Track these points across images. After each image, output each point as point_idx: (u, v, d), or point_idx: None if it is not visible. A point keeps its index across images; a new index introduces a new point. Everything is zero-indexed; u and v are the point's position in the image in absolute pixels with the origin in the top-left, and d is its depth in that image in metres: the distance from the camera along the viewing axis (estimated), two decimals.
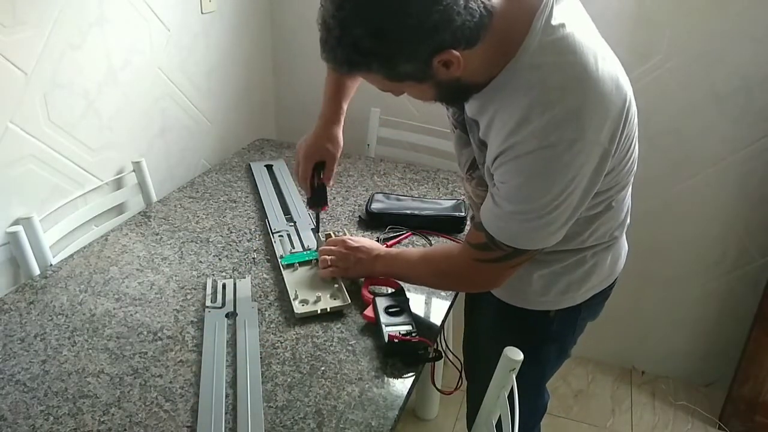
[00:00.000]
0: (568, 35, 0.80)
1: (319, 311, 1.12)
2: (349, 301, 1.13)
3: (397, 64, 0.78)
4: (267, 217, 1.46)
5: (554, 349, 1.14)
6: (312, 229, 1.40)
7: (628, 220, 1.08)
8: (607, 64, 0.81)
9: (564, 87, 0.79)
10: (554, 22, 0.80)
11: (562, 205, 0.83)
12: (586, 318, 1.13)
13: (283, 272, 1.23)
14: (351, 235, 1.29)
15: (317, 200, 1.26)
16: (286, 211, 1.49)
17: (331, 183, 1.25)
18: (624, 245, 1.11)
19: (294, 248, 1.32)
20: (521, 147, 0.80)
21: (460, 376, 1.18)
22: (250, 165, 1.76)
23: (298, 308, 1.12)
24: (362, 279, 1.21)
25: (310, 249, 1.31)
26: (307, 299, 1.15)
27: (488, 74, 0.84)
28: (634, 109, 0.87)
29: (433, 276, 1.08)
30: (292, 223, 1.43)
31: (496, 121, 0.85)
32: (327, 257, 1.19)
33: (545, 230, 0.87)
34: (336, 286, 1.18)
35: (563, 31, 0.80)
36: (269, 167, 1.74)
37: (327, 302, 1.14)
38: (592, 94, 0.79)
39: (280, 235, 1.38)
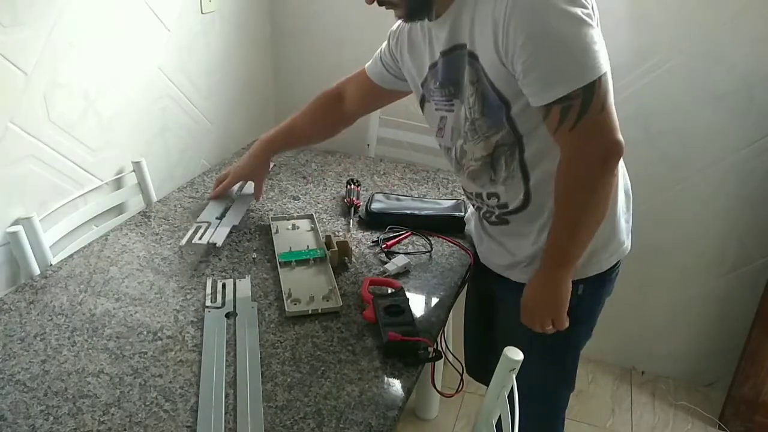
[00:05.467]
0: None
1: (310, 311, 1.12)
2: (341, 304, 1.13)
3: None
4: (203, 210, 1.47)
5: (583, 330, 1.16)
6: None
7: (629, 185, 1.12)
8: None
9: None
10: None
11: (583, 26, 0.86)
12: (607, 293, 1.15)
13: (279, 270, 1.23)
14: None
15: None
16: (222, 210, 1.47)
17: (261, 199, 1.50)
18: (630, 218, 1.14)
19: (201, 239, 1.30)
20: (519, 14, 0.86)
21: (461, 378, 1.17)
22: None
23: (290, 307, 1.12)
24: (362, 279, 1.21)
25: (309, 248, 1.31)
26: (300, 299, 1.15)
27: None
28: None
29: (572, 199, 0.97)
30: (219, 220, 1.41)
31: (476, 26, 0.92)
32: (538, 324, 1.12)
33: (587, 54, 0.87)
34: (330, 288, 1.18)
35: None
36: None
37: (319, 303, 1.14)
38: None
39: (198, 225, 1.37)
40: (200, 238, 1.30)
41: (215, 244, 1.29)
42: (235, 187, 1.53)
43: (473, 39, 0.95)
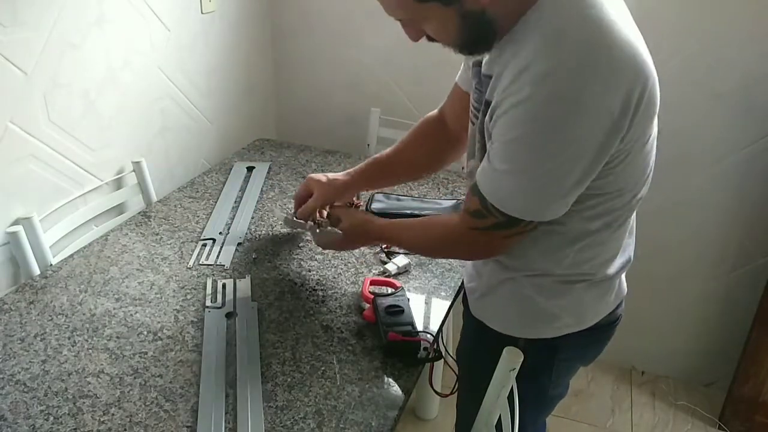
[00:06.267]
0: None
1: (308, 225, 1.18)
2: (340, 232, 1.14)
3: None
4: (207, 221, 1.44)
5: (529, 388, 0.99)
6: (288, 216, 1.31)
7: (623, 259, 0.98)
8: (632, 35, 0.76)
9: (579, 38, 0.73)
10: None
11: (559, 171, 0.77)
12: (569, 360, 1.03)
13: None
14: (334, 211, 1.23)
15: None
16: (226, 221, 1.45)
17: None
18: (616, 287, 1.00)
19: (207, 259, 1.30)
20: (515, 96, 0.75)
21: (457, 379, 1.17)
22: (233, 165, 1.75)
23: (289, 215, 1.20)
24: (362, 278, 1.21)
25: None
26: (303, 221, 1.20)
27: (509, 19, 0.78)
28: (656, 94, 0.79)
29: (428, 240, 1.01)
30: (224, 235, 1.39)
31: (504, 73, 0.78)
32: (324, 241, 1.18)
33: (539, 198, 0.81)
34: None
35: None
36: (250, 168, 1.73)
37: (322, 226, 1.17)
38: (609, 54, 0.72)
39: (204, 243, 1.35)
40: (207, 258, 1.30)
41: (224, 265, 1.28)
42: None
43: (496, 85, 0.81)
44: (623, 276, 1.03)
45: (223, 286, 1.20)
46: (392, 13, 0.82)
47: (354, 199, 1.49)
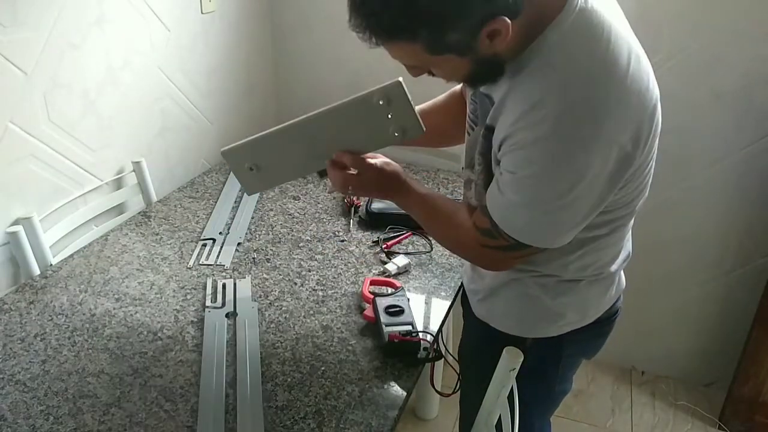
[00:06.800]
0: (604, 22, 0.74)
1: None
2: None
3: (446, 32, 0.71)
4: (207, 221, 1.44)
5: (538, 386, 1.02)
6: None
7: (624, 255, 1.00)
8: (642, 62, 0.76)
9: (590, 75, 0.73)
10: (590, 5, 0.74)
11: (572, 206, 0.78)
12: (574, 355, 1.05)
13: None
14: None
15: None
16: (226, 221, 1.46)
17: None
18: (616, 281, 1.02)
19: (207, 259, 1.29)
20: (531, 132, 0.74)
21: (458, 378, 1.18)
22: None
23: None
24: (362, 278, 1.21)
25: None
26: None
27: (516, 51, 0.77)
28: (659, 115, 0.80)
29: (443, 238, 1.01)
30: (224, 235, 1.40)
31: (508, 101, 0.78)
32: (343, 180, 0.97)
33: (550, 229, 0.82)
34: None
35: (599, 17, 0.74)
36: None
37: None
38: (619, 90, 0.73)
39: (204, 243, 1.36)
40: (207, 258, 1.30)
41: (224, 265, 1.28)
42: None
43: (499, 111, 0.81)
44: (622, 270, 1.04)
45: (223, 286, 1.20)
46: (401, 60, 0.81)
47: (354, 199, 1.49)
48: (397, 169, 0.98)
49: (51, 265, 1.29)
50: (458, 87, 1.14)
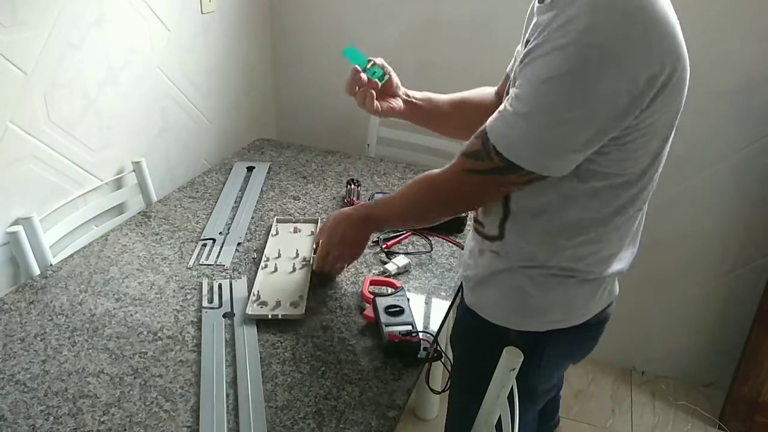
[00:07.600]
0: None
1: (270, 316, 1.10)
2: (303, 313, 1.10)
3: None
4: (207, 221, 1.44)
5: (519, 384, 0.97)
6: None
7: (621, 265, 0.98)
8: (673, 17, 0.80)
9: (628, 5, 0.76)
10: None
11: (572, 124, 0.78)
12: (557, 356, 1.04)
13: (259, 271, 1.22)
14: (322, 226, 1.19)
15: None
16: (226, 221, 1.45)
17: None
18: (608, 286, 1.00)
19: (207, 259, 1.30)
20: (561, 40, 0.76)
21: (450, 375, 1.17)
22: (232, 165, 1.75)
23: (252, 309, 1.11)
24: (362, 278, 1.21)
25: (298, 253, 1.31)
26: (267, 302, 1.14)
27: None
28: (682, 90, 0.83)
29: (419, 193, 1.00)
30: (224, 235, 1.39)
31: (554, 21, 0.80)
32: (328, 261, 1.19)
33: (544, 148, 0.82)
34: (300, 295, 1.16)
35: None
36: (250, 168, 1.73)
37: (284, 309, 1.12)
38: (651, 26, 0.76)
39: (204, 243, 1.35)
40: (207, 258, 1.30)
41: (224, 265, 1.28)
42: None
43: (544, 28, 0.82)
44: (616, 279, 1.03)
45: (219, 286, 1.20)
46: None
47: (354, 199, 1.49)
48: (343, 212, 1.10)
49: (51, 265, 1.29)
50: (492, 89, 1.17)
